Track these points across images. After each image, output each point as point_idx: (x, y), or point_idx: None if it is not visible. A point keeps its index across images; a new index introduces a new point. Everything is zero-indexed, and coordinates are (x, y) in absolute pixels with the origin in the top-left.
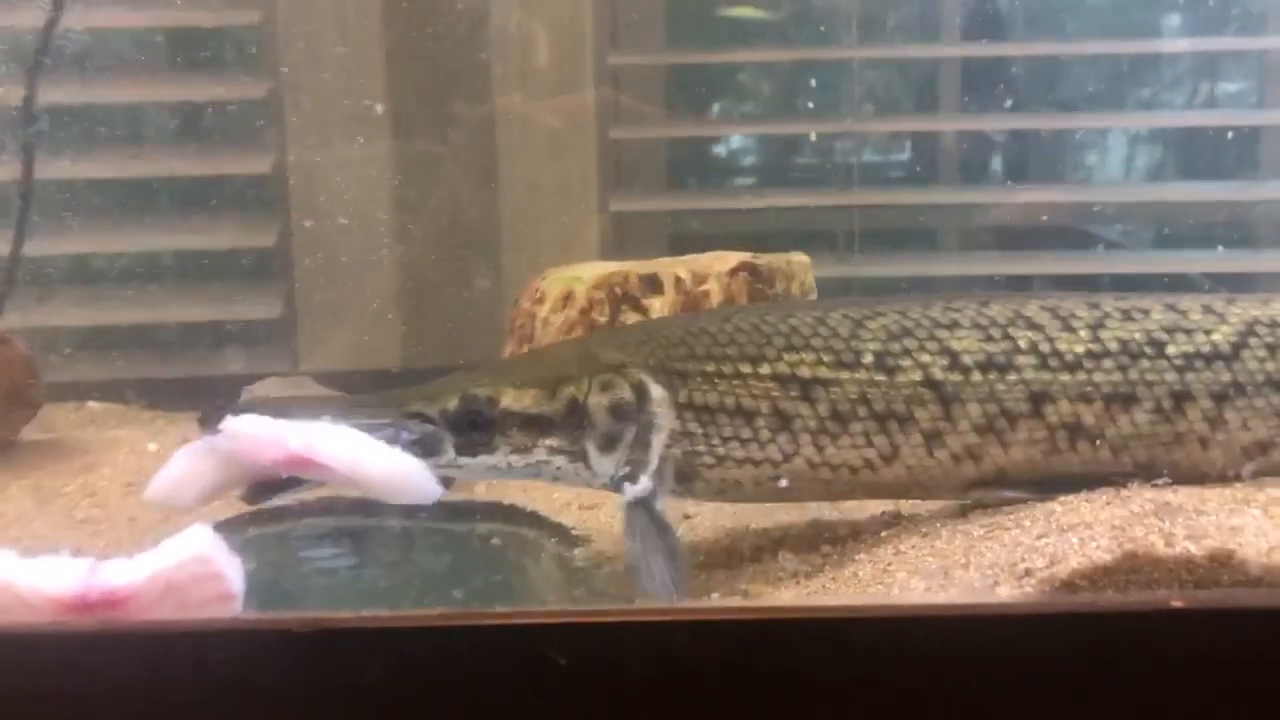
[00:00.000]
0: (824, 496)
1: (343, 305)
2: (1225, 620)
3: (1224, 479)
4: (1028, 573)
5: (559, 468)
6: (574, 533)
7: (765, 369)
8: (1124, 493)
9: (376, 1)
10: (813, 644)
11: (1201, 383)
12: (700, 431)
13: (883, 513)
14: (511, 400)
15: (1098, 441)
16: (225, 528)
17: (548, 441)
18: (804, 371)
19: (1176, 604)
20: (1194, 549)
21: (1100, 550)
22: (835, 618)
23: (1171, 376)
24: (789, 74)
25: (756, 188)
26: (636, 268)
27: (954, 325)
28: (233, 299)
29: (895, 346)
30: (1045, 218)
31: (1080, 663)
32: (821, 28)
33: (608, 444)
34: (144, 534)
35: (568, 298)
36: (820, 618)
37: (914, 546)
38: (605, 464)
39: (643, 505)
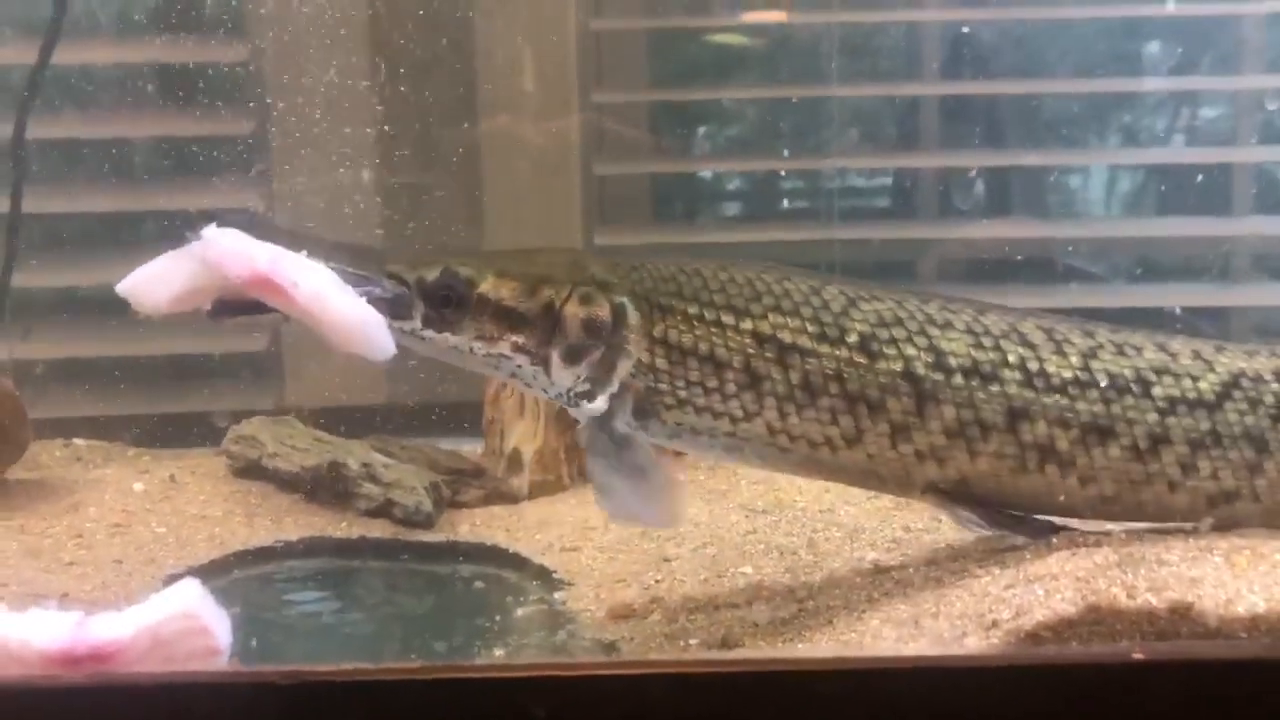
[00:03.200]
0: (777, 466)
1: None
2: (1184, 672)
3: (1183, 522)
4: (995, 624)
5: (519, 366)
6: (555, 576)
7: (747, 324)
8: (1087, 544)
9: (364, 40)
10: (788, 696)
11: (1181, 428)
12: (668, 369)
13: (858, 556)
14: (490, 287)
15: (1067, 469)
16: (210, 569)
17: (515, 337)
18: (785, 336)
19: (1138, 656)
20: (1155, 601)
21: (1064, 602)
22: (810, 670)
23: (1153, 417)
24: (772, 101)
25: (740, 215)
26: None
27: (947, 325)
28: (218, 333)
29: (883, 333)
30: (1070, 248)
31: (1044, 716)
32: (804, 55)
33: (572, 356)
34: (130, 576)
35: None
36: (795, 670)
37: (887, 593)
38: (564, 376)
39: (601, 426)
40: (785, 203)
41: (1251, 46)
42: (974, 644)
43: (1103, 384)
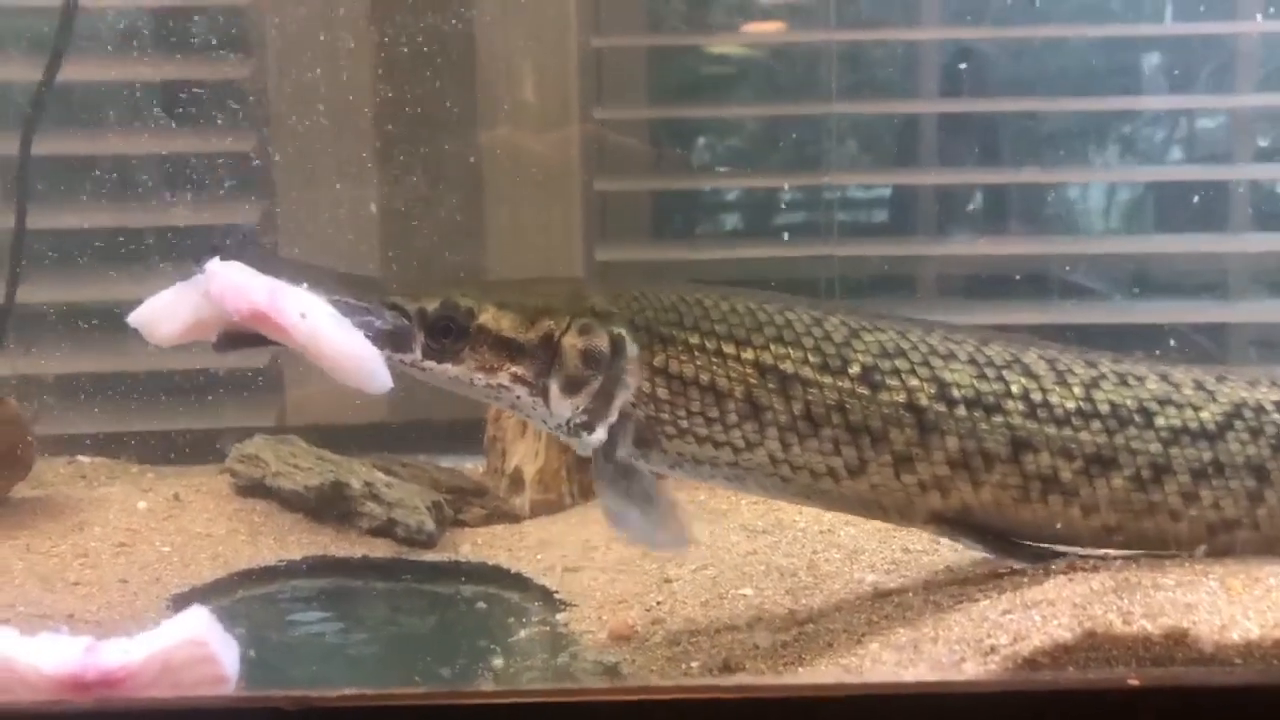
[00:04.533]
0: (780, 495)
1: None
2: (1179, 698)
3: (1183, 550)
4: (992, 649)
5: (518, 397)
6: (557, 597)
7: (748, 354)
8: (1084, 569)
9: (367, 56)
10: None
11: (1184, 458)
12: (668, 399)
13: (857, 578)
14: (490, 319)
15: (1071, 499)
16: (214, 589)
17: (514, 368)
18: (787, 366)
19: (1133, 682)
20: (1150, 627)
21: (1061, 628)
22: (811, 696)
23: (1155, 448)
24: (772, 117)
25: (740, 231)
26: None
27: (950, 356)
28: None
29: (886, 364)
30: (1068, 268)
31: None
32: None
33: (571, 387)
34: (135, 596)
35: None
36: (797, 696)
37: (886, 616)
38: (563, 406)
39: (606, 455)
40: (785, 218)
41: (1249, 63)
42: (972, 669)
43: (1105, 414)
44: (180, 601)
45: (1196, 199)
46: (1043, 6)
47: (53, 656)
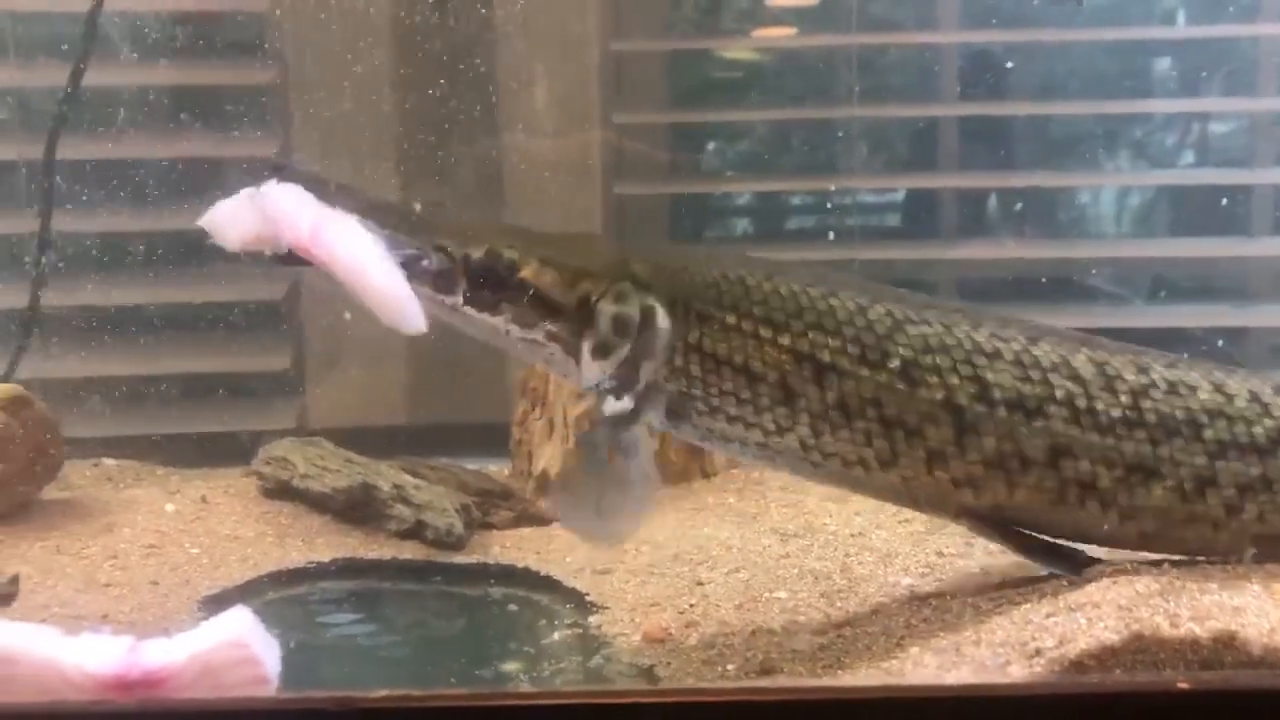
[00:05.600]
0: (810, 479)
1: (349, 359)
2: (1229, 702)
3: (1221, 556)
4: (1038, 652)
5: (552, 354)
6: (588, 599)
7: (785, 340)
8: (1126, 572)
9: (388, 60)
10: None
11: (1230, 472)
12: (700, 376)
13: (892, 581)
14: (531, 273)
15: (1108, 506)
16: (243, 590)
17: (550, 326)
18: (824, 355)
19: (1183, 685)
20: (1198, 630)
21: (1108, 631)
22: (857, 699)
23: (1201, 460)
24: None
25: (757, 234)
26: None
27: (995, 355)
28: (240, 352)
29: (927, 359)
30: (1094, 271)
31: None
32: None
33: (601, 351)
34: (166, 597)
35: None
36: (844, 699)
37: (925, 620)
38: (593, 369)
39: (614, 424)
40: (802, 222)
41: (1270, 66)
42: (1018, 672)
43: (1151, 424)
44: (211, 603)
45: (1224, 202)
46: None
47: (96, 656)
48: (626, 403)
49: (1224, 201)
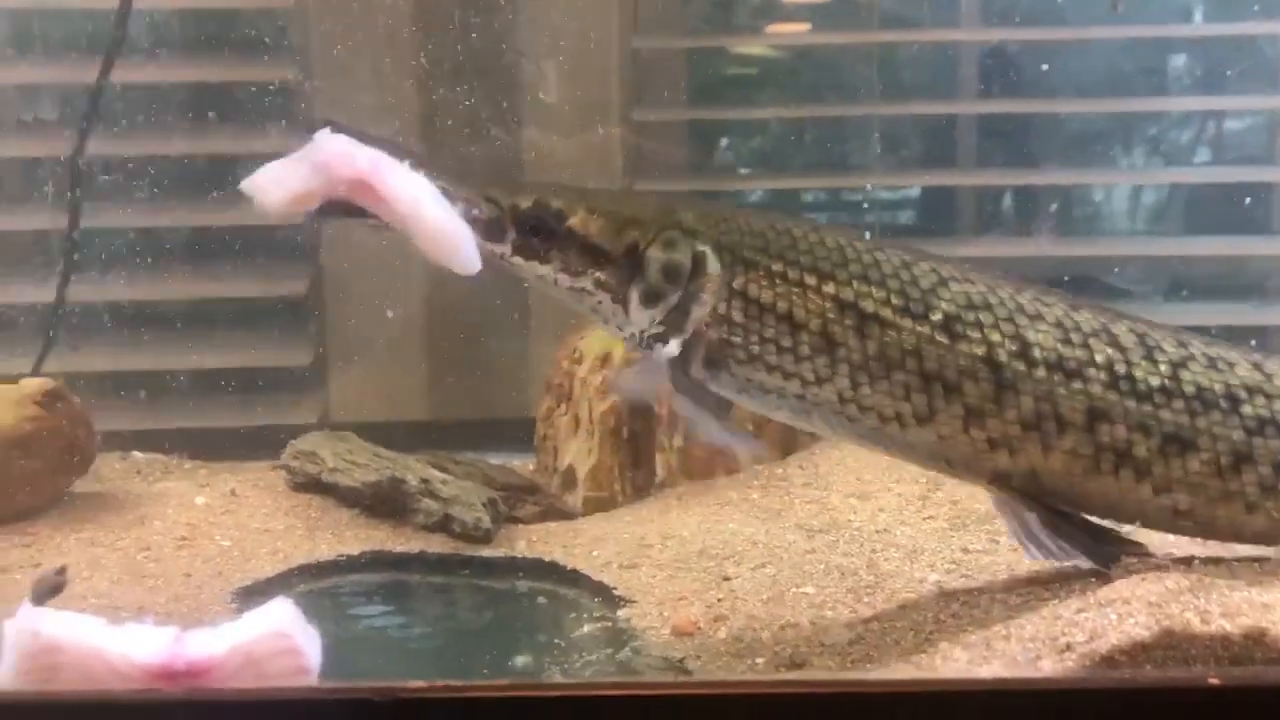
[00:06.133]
0: (843, 436)
1: (372, 354)
2: (1260, 698)
3: (1255, 544)
4: (1069, 647)
5: (599, 302)
6: (616, 593)
7: (829, 288)
8: (1154, 569)
9: (410, 52)
10: (870, 717)
11: (1268, 449)
12: (743, 323)
13: (919, 577)
14: (579, 222)
15: (1143, 476)
16: (275, 583)
17: (598, 273)
18: (867, 305)
19: (1214, 681)
20: (1229, 626)
21: (1138, 627)
22: (891, 691)
23: (1239, 435)
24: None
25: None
26: None
27: (1037, 316)
28: (262, 347)
29: (969, 315)
30: (1116, 270)
31: None
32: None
33: (650, 298)
34: (200, 589)
35: (605, 359)
36: (878, 691)
37: (954, 615)
38: (641, 316)
39: (680, 369)
40: (816, 218)
41: None
42: (1049, 667)
43: (1190, 395)
44: (244, 595)
45: (1248, 201)
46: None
47: (142, 646)
48: (673, 348)
49: (1247, 200)
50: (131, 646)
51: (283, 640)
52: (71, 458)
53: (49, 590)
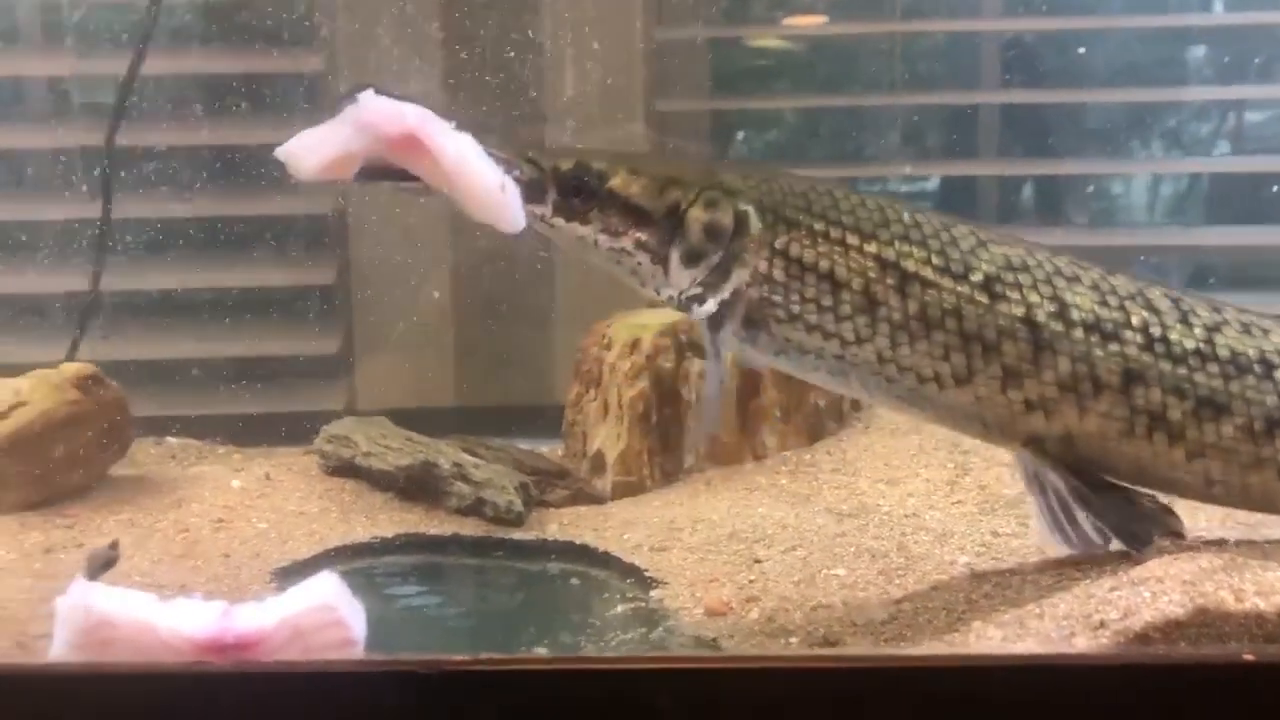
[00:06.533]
0: (881, 398)
1: (398, 341)
2: None
3: None
4: (1102, 624)
5: (639, 263)
6: (647, 575)
7: (871, 247)
8: (1186, 549)
9: (434, 44)
10: (907, 692)
11: None
12: (784, 281)
13: (949, 560)
14: (620, 183)
15: (1176, 440)
16: (312, 564)
17: (639, 234)
18: (908, 264)
19: (1248, 658)
20: (1263, 604)
21: (1172, 604)
22: (931, 666)
23: (1272, 401)
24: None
25: None
26: None
27: (1074, 279)
28: (290, 335)
29: (1008, 276)
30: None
31: (1157, 714)
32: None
33: (691, 258)
34: (239, 569)
35: (634, 345)
36: (916, 666)
37: (986, 595)
38: (682, 277)
39: (713, 328)
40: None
41: None
42: (1083, 644)
43: (1224, 359)
44: (282, 575)
45: (1276, 189)
46: None
47: (191, 621)
48: (710, 307)
49: (1275, 189)
50: (181, 621)
51: (329, 613)
52: (110, 441)
53: (102, 564)
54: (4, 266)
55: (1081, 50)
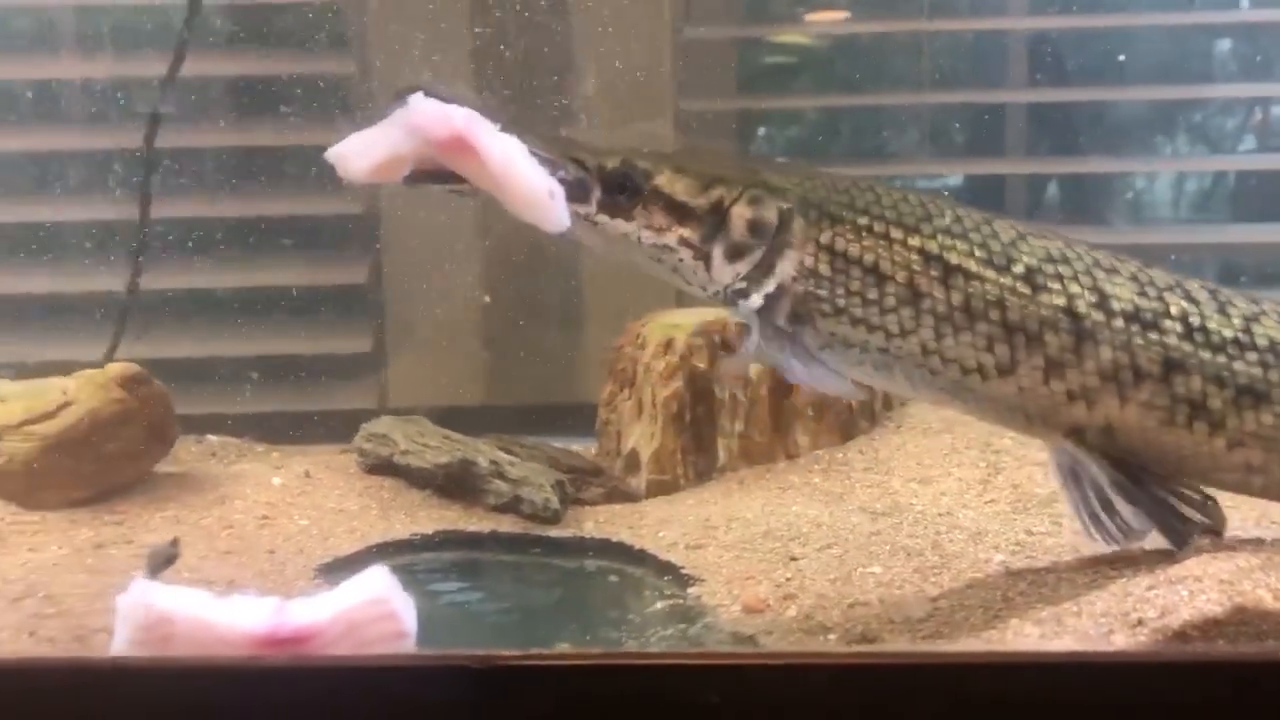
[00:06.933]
0: (924, 391)
1: (429, 340)
2: None
3: None
4: (1140, 622)
5: (681, 260)
6: (684, 572)
7: (915, 240)
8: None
9: (464, 43)
10: (947, 688)
11: None
12: (830, 275)
13: (984, 558)
14: (665, 181)
15: (1217, 429)
16: (354, 560)
17: (682, 231)
18: (951, 257)
19: None
20: None
21: (1210, 603)
22: (970, 663)
23: None
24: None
25: None
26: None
27: (1113, 270)
28: (323, 333)
29: (1049, 268)
30: (1173, 257)
31: (1197, 711)
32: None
33: (734, 254)
34: (283, 565)
35: (668, 345)
36: (955, 663)
37: (1022, 593)
38: (725, 272)
39: (765, 321)
40: None
41: None
42: (1121, 641)
43: (1263, 348)
44: (326, 571)
45: None
46: None
47: (247, 615)
48: (756, 301)
49: None
50: (238, 616)
51: (381, 606)
52: (155, 440)
53: (163, 561)
54: (45, 267)
55: (1121, 58)
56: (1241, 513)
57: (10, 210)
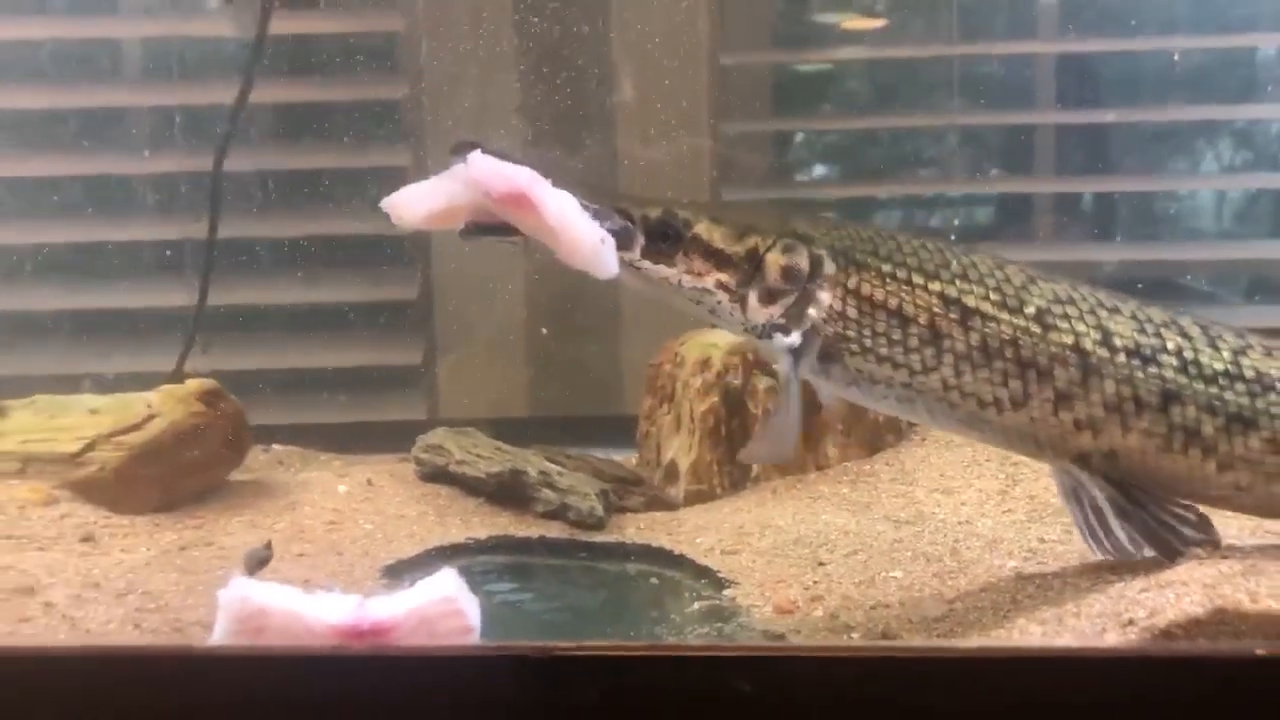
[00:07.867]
0: (943, 422)
1: (477, 354)
2: None
3: None
4: (1131, 622)
5: (719, 302)
6: (720, 575)
7: (935, 286)
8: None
9: (512, 72)
10: (959, 678)
11: None
12: (856, 317)
13: (998, 564)
14: (704, 229)
15: (1209, 453)
16: (416, 562)
17: (719, 275)
18: (969, 300)
19: (1260, 652)
20: (1276, 606)
21: (1193, 605)
22: (980, 657)
23: None
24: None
25: None
26: None
27: (1115, 310)
28: (376, 348)
29: (1058, 309)
30: (1189, 276)
31: (1179, 703)
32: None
33: (768, 298)
34: (351, 567)
35: (705, 362)
36: (968, 657)
37: (1030, 596)
38: (758, 315)
39: (797, 358)
40: (888, 219)
41: None
42: (1113, 639)
43: (1250, 379)
44: (390, 573)
45: None
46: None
47: (332, 610)
48: (795, 339)
49: None
50: (324, 611)
51: (450, 604)
52: (230, 450)
53: (258, 562)
54: (119, 283)
55: (1175, 56)
56: (1238, 524)
57: (89, 231)
